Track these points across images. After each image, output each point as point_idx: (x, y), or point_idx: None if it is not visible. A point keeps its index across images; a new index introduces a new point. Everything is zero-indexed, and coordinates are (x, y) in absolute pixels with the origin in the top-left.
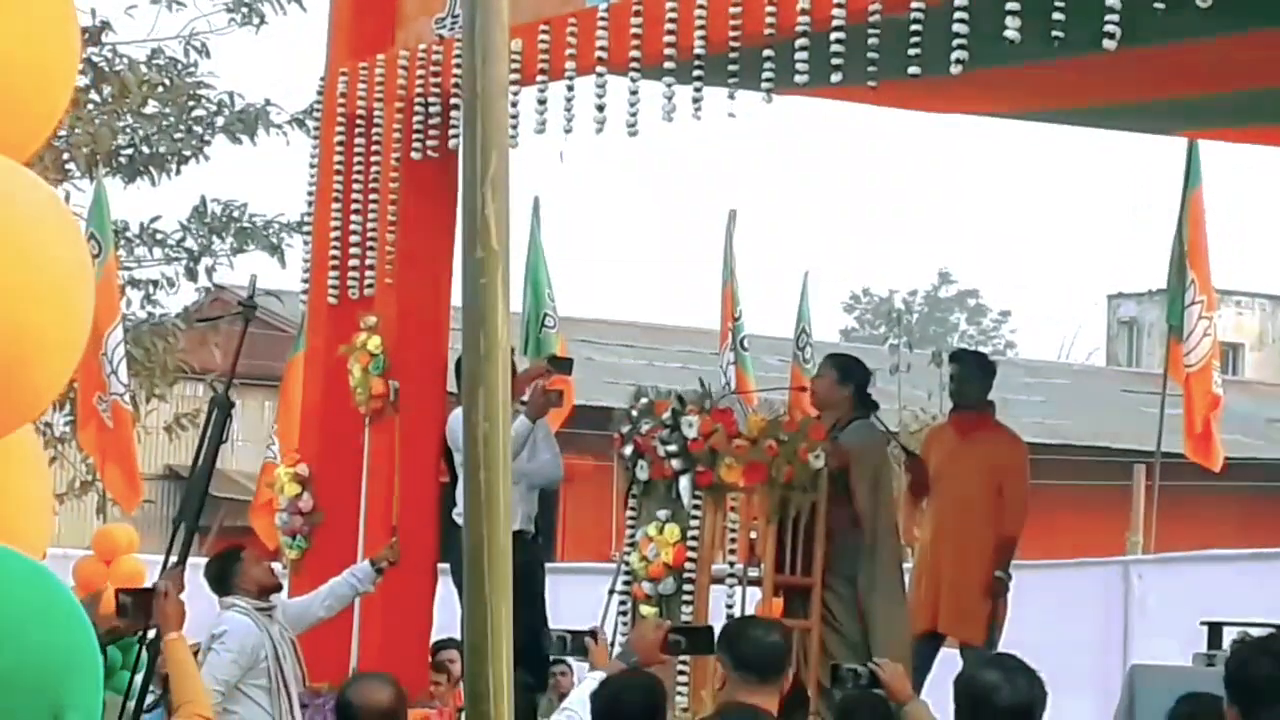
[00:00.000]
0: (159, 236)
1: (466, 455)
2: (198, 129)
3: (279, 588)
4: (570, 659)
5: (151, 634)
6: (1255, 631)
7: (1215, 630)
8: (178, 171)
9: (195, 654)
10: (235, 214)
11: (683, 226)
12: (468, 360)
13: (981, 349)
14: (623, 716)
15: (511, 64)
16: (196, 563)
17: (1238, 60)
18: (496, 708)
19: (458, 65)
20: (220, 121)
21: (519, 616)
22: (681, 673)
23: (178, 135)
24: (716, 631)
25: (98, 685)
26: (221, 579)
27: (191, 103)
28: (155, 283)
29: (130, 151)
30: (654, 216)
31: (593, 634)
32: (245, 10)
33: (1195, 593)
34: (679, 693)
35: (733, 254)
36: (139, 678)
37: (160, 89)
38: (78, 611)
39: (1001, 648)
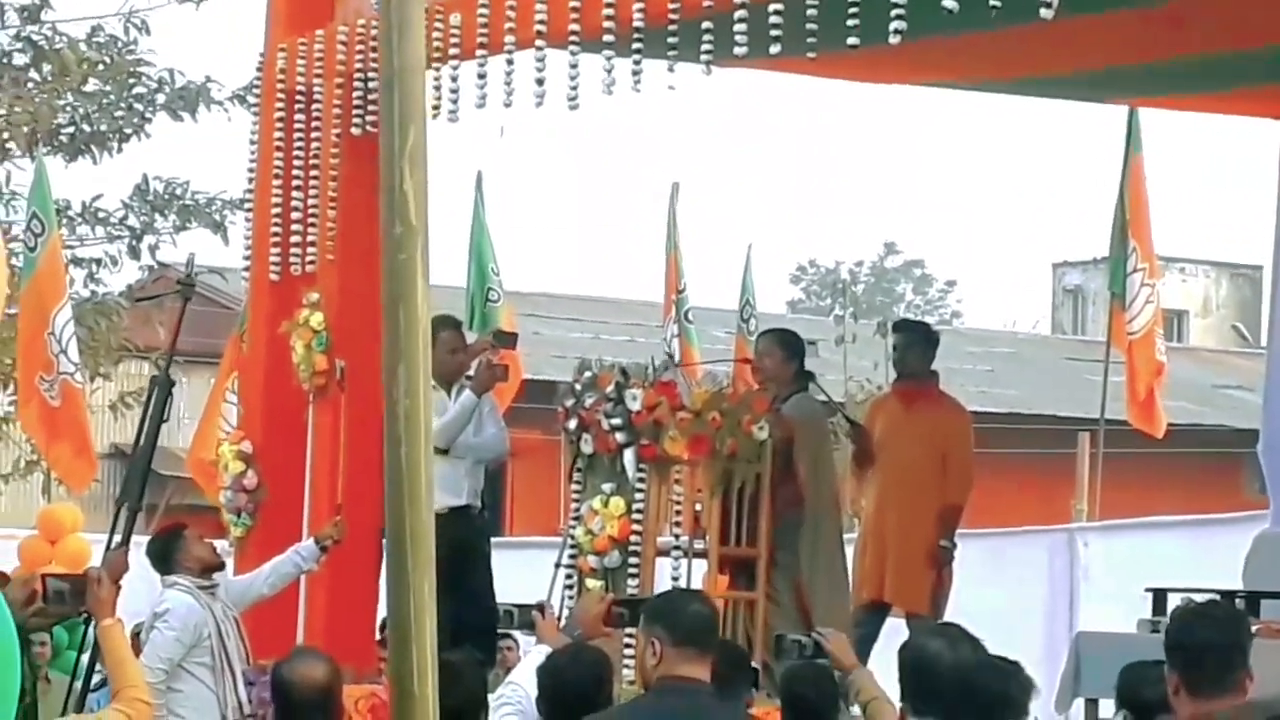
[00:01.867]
0: (101, 215)
1: (387, 431)
2: (138, 106)
3: (221, 566)
4: (517, 633)
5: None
6: (1198, 598)
7: (1160, 597)
8: (119, 149)
9: (137, 635)
10: (177, 191)
11: (628, 199)
12: (387, 336)
13: (927, 319)
14: (568, 690)
15: (451, 38)
16: (141, 541)
17: (1177, 27)
18: (421, 685)
19: None
20: (161, 99)
21: (466, 591)
22: (628, 645)
23: (119, 113)
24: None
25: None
26: (164, 558)
27: (132, 80)
28: (98, 261)
29: (71, 130)
30: (599, 190)
31: (539, 608)
32: None
33: (1140, 560)
34: (625, 665)
35: (676, 226)
36: (85, 658)
37: (100, 67)
38: None
39: (947, 616)
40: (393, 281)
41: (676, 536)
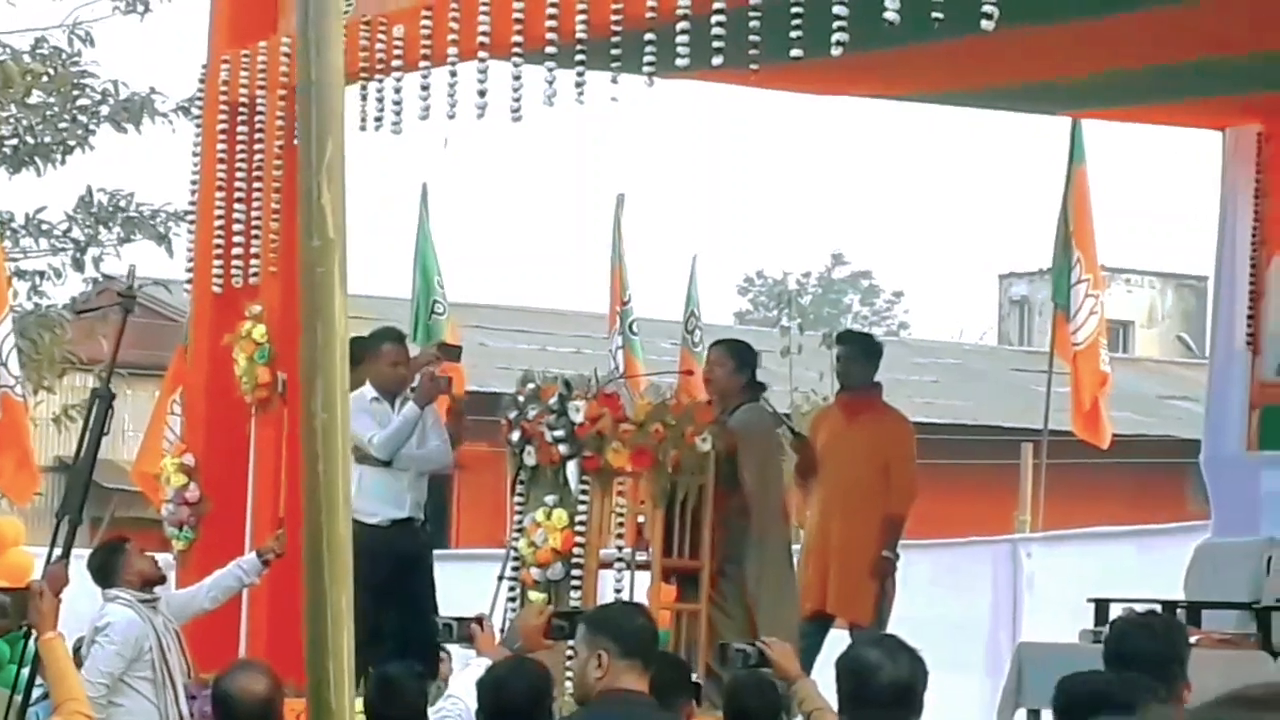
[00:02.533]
0: (45, 227)
1: (304, 445)
2: (82, 118)
3: (163, 580)
4: (454, 646)
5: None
6: (1140, 608)
7: (1102, 607)
8: (63, 161)
9: (79, 649)
10: (122, 203)
11: (573, 211)
12: (304, 350)
13: (875, 329)
14: (508, 703)
15: (394, 50)
16: (82, 554)
17: (1117, 39)
18: (338, 698)
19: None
20: (105, 111)
21: (408, 603)
22: (570, 658)
23: (62, 125)
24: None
25: None
26: (104, 571)
27: (76, 92)
28: (42, 274)
29: (15, 142)
30: (544, 201)
31: (478, 620)
32: None
33: (1084, 570)
34: (568, 678)
35: (621, 238)
36: (26, 672)
37: (44, 78)
38: None
39: (891, 627)
40: (310, 295)
41: (619, 549)
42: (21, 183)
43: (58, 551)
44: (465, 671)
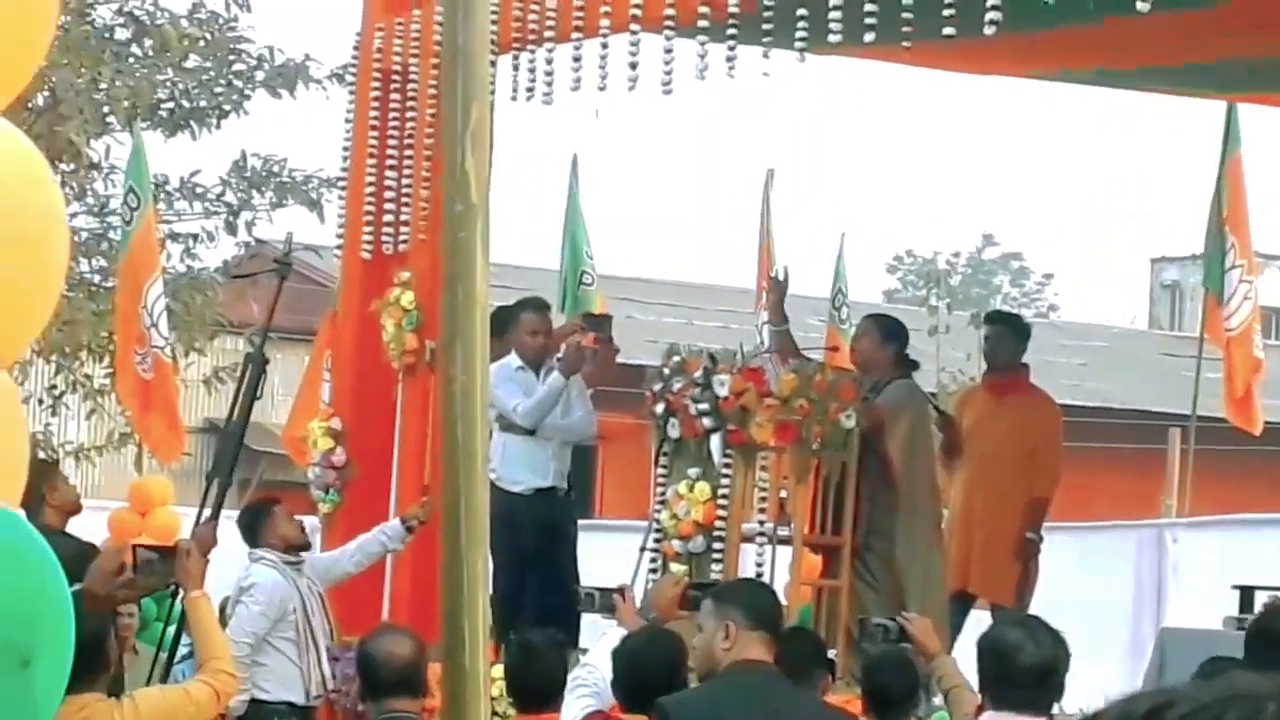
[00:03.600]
0: (199, 191)
1: (443, 407)
2: (238, 83)
3: (307, 546)
4: (596, 615)
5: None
6: None
7: (1247, 594)
8: (218, 126)
9: (224, 608)
10: (275, 169)
11: (724, 186)
12: (445, 313)
13: (1024, 311)
14: (644, 673)
15: (546, 21)
16: (231, 514)
17: (1274, 23)
18: (473, 661)
19: (492, 21)
20: (260, 76)
21: (550, 572)
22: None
23: (218, 90)
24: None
25: (67, 631)
26: (252, 530)
27: (232, 57)
28: (195, 237)
29: (171, 105)
30: (695, 175)
31: (620, 591)
32: None
33: (1229, 556)
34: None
35: (770, 214)
36: (172, 630)
37: (201, 43)
38: (48, 557)
39: (1033, 609)
40: (452, 259)
41: (761, 523)
42: (177, 146)
43: (207, 512)
44: (602, 641)
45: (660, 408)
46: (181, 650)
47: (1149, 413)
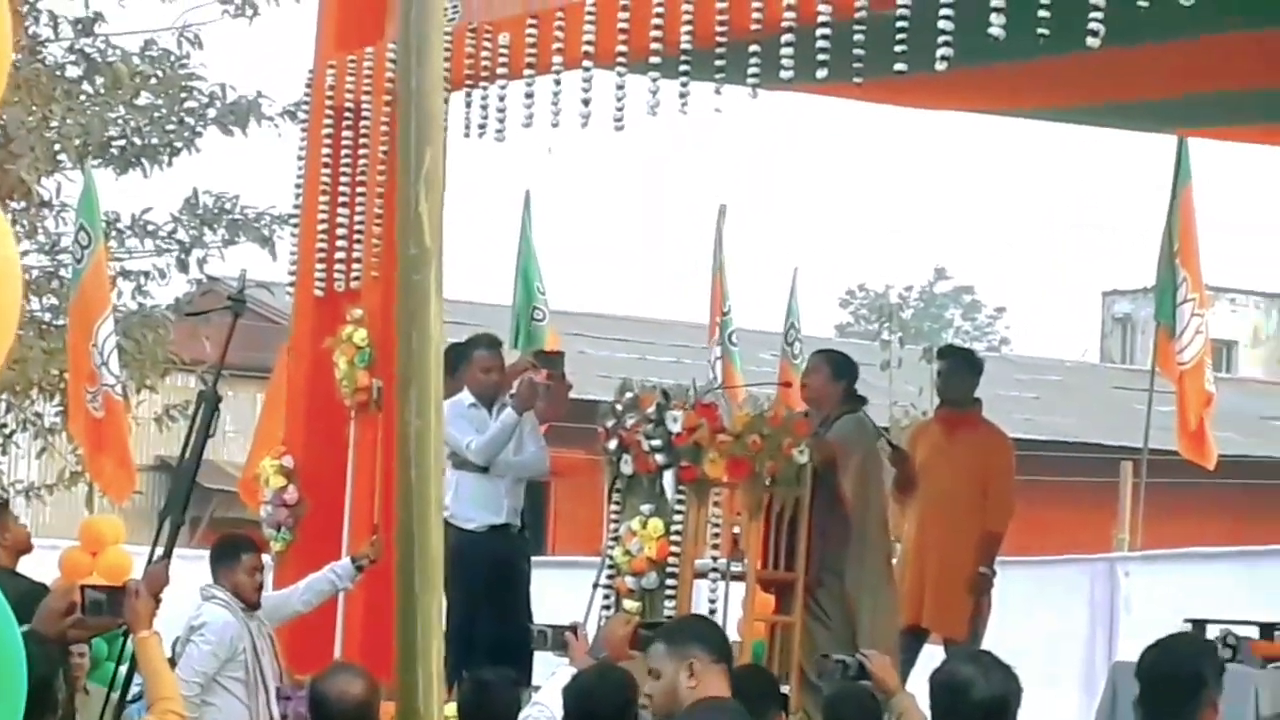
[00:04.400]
0: (150, 228)
1: (398, 451)
2: (189, 121)
3: (257, 606)
4: (549, 652)
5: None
6: (1238, 630)
7: (1199, 628)
8: (169, 163)
9: (175, 645)
10: (227, 206)
11: (676, 221)
12: (400, 357)
13: (976, 345)
14: (593, 711)
15: (499, 58)
16: (184, 554)
17: (1224, 60)
18: (426, 704)
19: (445, 58)
20: (212, 113)
21: (503, 609)
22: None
23: (170, 127)
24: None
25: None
26: (216, 562)
27: (184, 94)
28: (146, 274)
29: (122, 143)
30: (647, 211)
31: (573, 629)
32: (239, 2)
33: (1182, 590)
34: None
35: (722, 249)
36: (123, 670)
37: (153, 80)
38: None
39: (986, 644)
40: (406, 302)
41: (714, 559)
42: (128, 183)
43: (159, 551)
44: (553, 679)
45: (613, 444)
46: (134, 690)
47: (1101, 446)
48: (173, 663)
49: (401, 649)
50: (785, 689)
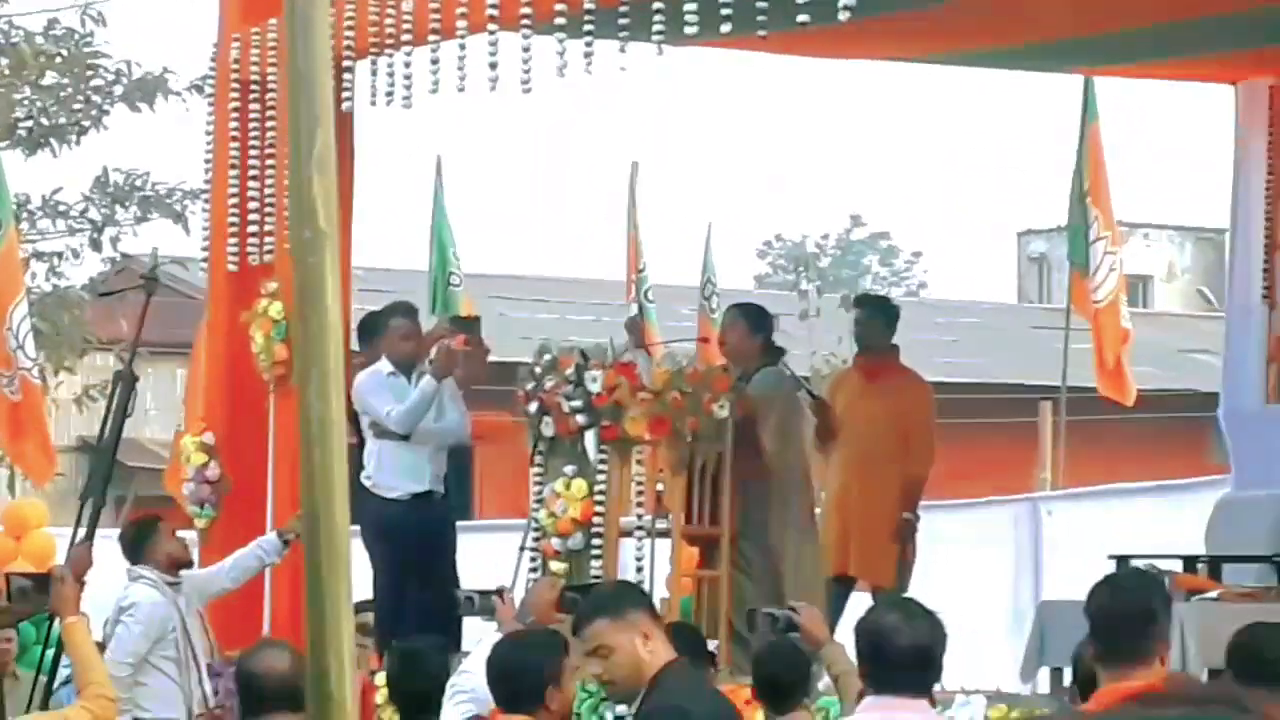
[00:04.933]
0: (61, 208)
1: (301, 435)
2: (96, 99)
3: (190, 563)
4: (477, 617)
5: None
6: (1161, 564)
7: (1123, 563)
8: (78, 142)
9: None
10: (137, 183)
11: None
12: (299, 340)
13: (894, 290)
14: (518, 675)
15: (403, 25)
16: (107, 533)
17: None
18: (339, 689)
19: (349, 28)
20: (119, 91)
21: (430, 577)
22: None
23: (77, 106)
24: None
25: None
26: (134, 548)
27: (89, 73)
28: (60, 255)
29: (30, 124)
30: (562, 171)
31: (499, 593)
32: None
33: (1105, 527)
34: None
35: (636, 206)
36: (51, 654)
37: (58, 59)
38: None
39: (914, 588)
40: (303, 286)
41: (639, 517)
42: (37, 164)
43: (82, 532)
44: (480, 646)
45: (534, 406)
46: (63, 673)
47: (1021, 386)
48: (102, 646)
49: (311, 635)
50: (713, 644)
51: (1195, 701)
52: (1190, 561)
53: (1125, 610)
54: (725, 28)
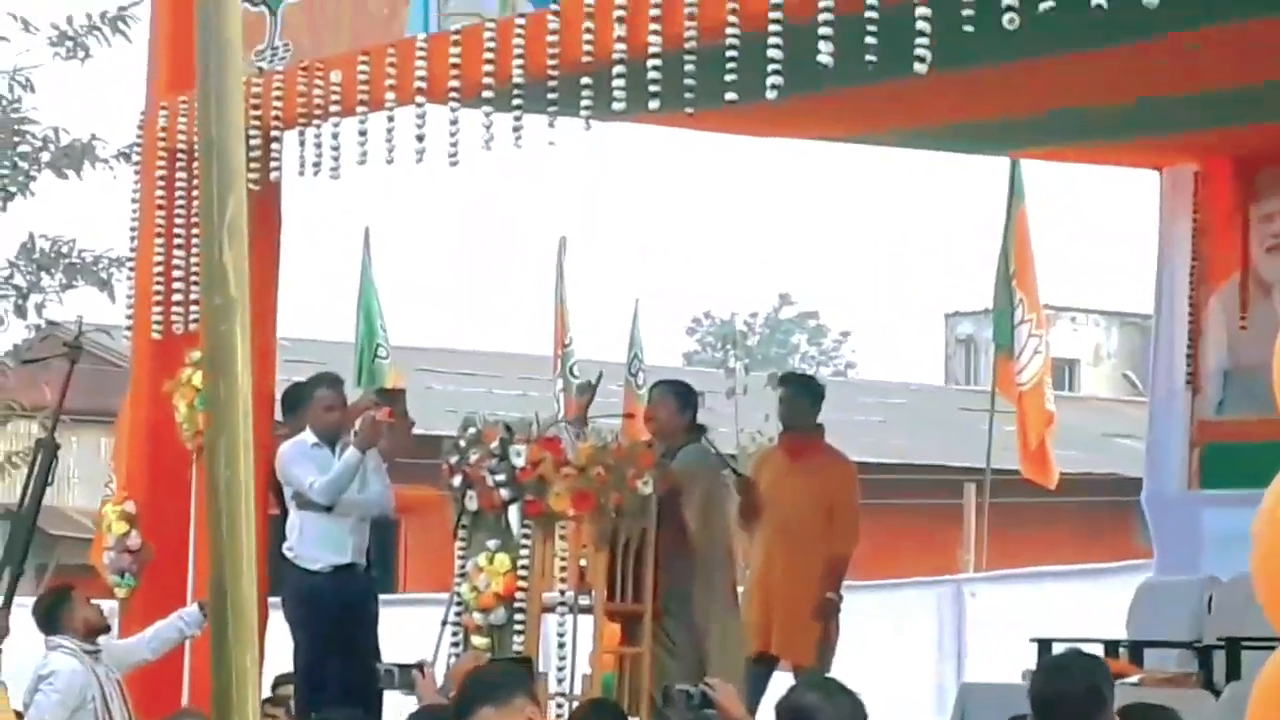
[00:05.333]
0: None
1: (208, 503)
2: (23, 165)
3: (107, 629)
4: (397, 691)
5: None
6: (1084, 648)
7: (1045, 647)
8: (3, 208)
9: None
10: (63, 250)
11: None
12: (209, 409)
13: (823, 369)
14: None
15: (331, 95)
16: (25, 602)
17: (1054, 81)
18: None
19: (277, 98)
20: (46, 157)
21: (351, 650)
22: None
23: (3, 171)
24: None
25: None
26: (49, 618)
27: (17, 138)
28: None
29: None
30: (490, 244)
31: (419, 667)
32: (70, 44)
33: (1028, 610)
34: None
35: (564, 281)
36: None
37: None
38: None
39: (836, 668)
40: (213, 354)
41: (562, 593)
42: None
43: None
44: None
45: (458, 480)
46: None
47: (945, 468)
48: (19, 715)
49: (216, 701)
50: None
51: None
52: (1112, 646)
53: (1071, 693)
54: (653, 104)
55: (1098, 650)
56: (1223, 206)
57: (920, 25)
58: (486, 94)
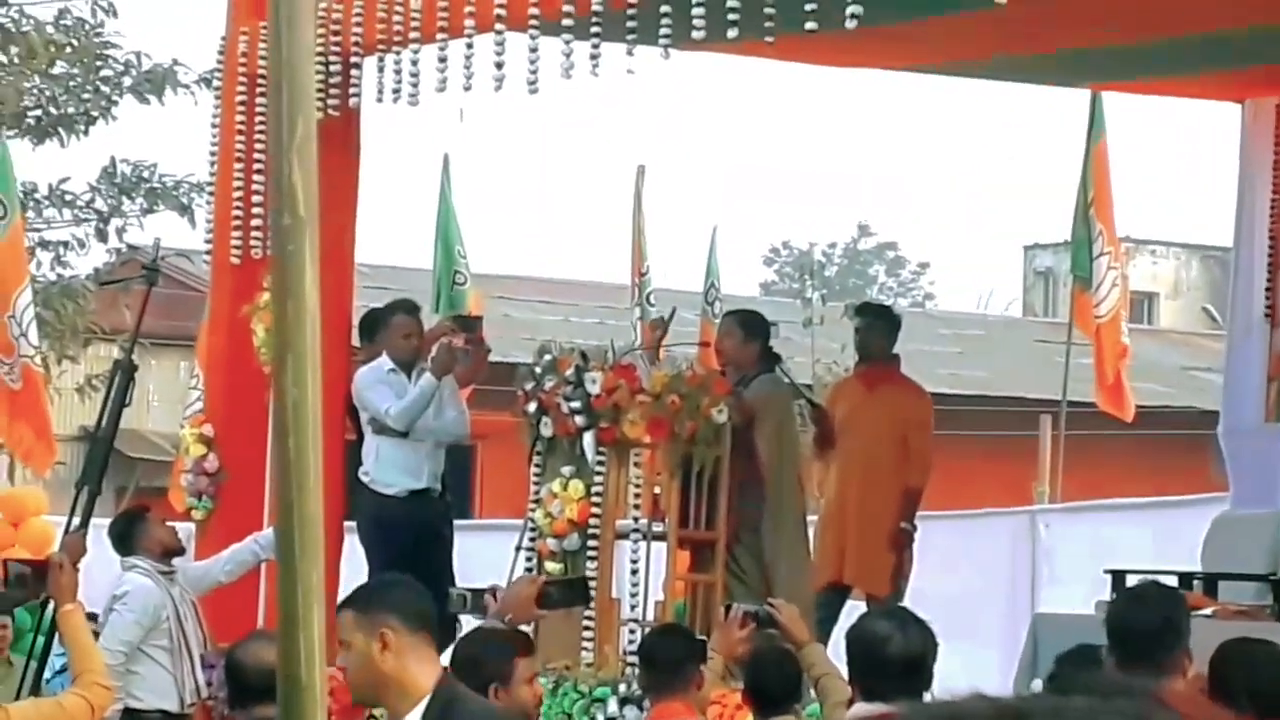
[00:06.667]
0: (68, 198)
1: (274, 421)
2: (105, 89)
3: (181, 550)
4: (469, 616)
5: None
6: (1158, 580)
7: (1119, 578)
8: (86, 132)
9: (96, 618)
10: (144, 174)
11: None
12: (276, 326)
13: (900, 301)
14: (464, 670)
15: (411, 22)
16: (102, 523)
17: (1136, 11)
18: (309, 673)
19: (357, 24)
20: (128, 82)
21: (425, 575)
22: (587, 627)
23: (85, 96)
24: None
25: None
26: (124, 539)
27: (99, 63)
28: (65, 244)
29: (38, 113)
30: (570, 172)
31: (491, 591)
32: None
33: (1101, 542)
34: (584, 647)
35: (641, 210)
36: (42, 640)
37: (67, 49)
38: None
39: (909, 599)
40: (281, 273)
41: (635, 520)
42: (45, 154)
43: (76, 521)
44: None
45: (533, 407)
46: (58, 662)
47: (1021, 399)
48: (97, 634)
49: (283, 617)
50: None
51: (1102, 692)
52: (1186, 578)
53: (1148, 623)
54: (732, 33)
55: (1172, 583)
56: None
57: None
58: (566, 21)
